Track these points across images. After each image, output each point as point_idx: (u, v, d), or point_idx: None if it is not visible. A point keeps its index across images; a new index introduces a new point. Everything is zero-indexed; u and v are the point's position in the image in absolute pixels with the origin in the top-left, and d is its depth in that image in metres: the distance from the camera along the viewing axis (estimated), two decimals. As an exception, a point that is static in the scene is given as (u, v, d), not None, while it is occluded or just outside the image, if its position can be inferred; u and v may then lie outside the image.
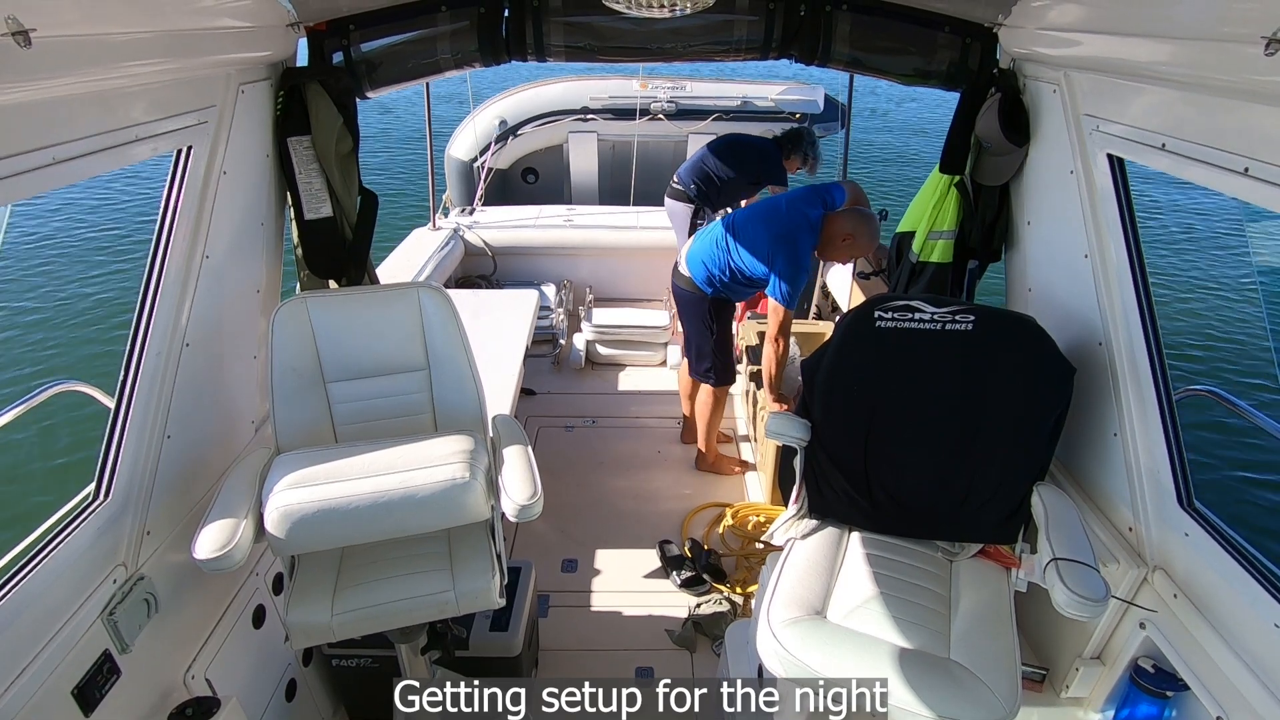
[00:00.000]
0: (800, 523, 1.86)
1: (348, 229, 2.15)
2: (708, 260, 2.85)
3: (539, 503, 1.53)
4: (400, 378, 1.83)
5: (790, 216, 2.70)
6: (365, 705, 2.12)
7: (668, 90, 5.75)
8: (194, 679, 1.59)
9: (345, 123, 2.04)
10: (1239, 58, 1.19)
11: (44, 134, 1.16)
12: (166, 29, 1.41)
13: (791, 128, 4.05)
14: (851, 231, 2.65)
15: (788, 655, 1.47)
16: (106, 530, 1.43)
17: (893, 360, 1.78)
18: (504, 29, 2.27)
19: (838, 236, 2.66)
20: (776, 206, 2.80)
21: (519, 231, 4.55)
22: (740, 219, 2.83)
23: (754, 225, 2.76)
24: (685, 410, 3.41)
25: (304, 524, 1.44)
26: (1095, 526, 1.80)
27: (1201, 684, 1.48)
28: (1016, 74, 2.07)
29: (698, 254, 2.89)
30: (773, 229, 2.70)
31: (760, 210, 2.84)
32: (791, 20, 2.28)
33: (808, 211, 2.68)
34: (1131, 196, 1.68)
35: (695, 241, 2.96)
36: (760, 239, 2.71)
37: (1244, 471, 4.47)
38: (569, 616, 2.58)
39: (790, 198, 2.81)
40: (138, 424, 1.51)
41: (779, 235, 2.67)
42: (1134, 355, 1.67)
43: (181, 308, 1.61)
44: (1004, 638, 1.54)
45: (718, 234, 2.84)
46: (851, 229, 2.65)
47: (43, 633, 1.27)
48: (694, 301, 2.96)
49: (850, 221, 2.66)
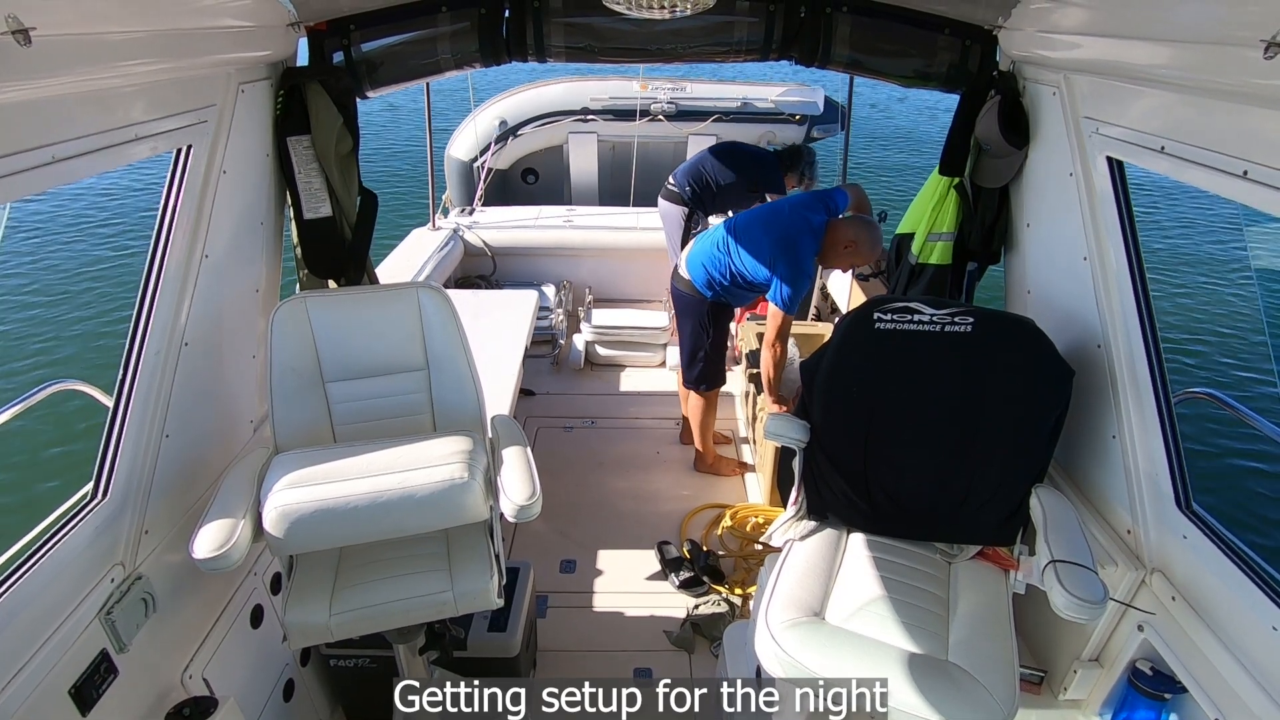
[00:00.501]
0: (799, 524, 1.86)
1: (347, 229, 2.15)
2: (708, 263, 2.84)
3: (538, 503, 1.53)
4: (399, 378, 1.83)
5: (792, 221, 2.69)
6: (363, 705, 2.12)
7: (668, 91, 5.76)
8: (191, 679, 1.59)
9: (345, 123, 2.04)
10: (1238, 61, 1.19)
11: (44, 133, 1.16)
12: (166, 28, 1.41)
13: (793, 145, 4.03)
14: (854, 239, 2.64)
15: (786, 656, 1.47)
16: (104, 529, 1.43)
17: (892, 362, 1.78)
18: (504, 29, 2.27)
19: (840, 243, 2.65)
20: (779, 210, 2.79)
21: (519, 232, 4.55)
22: (742, 222, 2.82)
23: (756, 229, 2.75)
24: (684, 411, 3.41)
25: (302, 524, 1.43)
26: (1094, 529, 1.80)
27: (1199, 686, 1.48)
28: (1016, 76, 2.07)
29: (698, 256, 2.88)
30: (774, 233, 2.69)
31: (762, 214, 2.84)
32: (791, 22, 2.28)
33: (810, 217, 2.67)
34: (1131, 199, 1.69)
35: (696, 244, 2.95)
36: (762, 243, 2.70)
37: (1242, 474, 4.47)
38: (567, 617, 2.58)
39: (793, 202, 2.80)
40: (136, 423, 1.51)
41: (780, 239, 2.66)
42: (1133, 357, 1.67)
43: (181, 307, 1.61)
44: (1002, 640, 1.54)
45: (719, 237, 2.83)
46: (854, 236, 2.64)
47: (40, 632, 1.26)
48: (693, 304, 2.95)
49: (853, 229, 2.65)
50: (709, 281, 2.85)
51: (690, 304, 2.96)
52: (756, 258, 2.71)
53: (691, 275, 2.89)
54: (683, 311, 3.04)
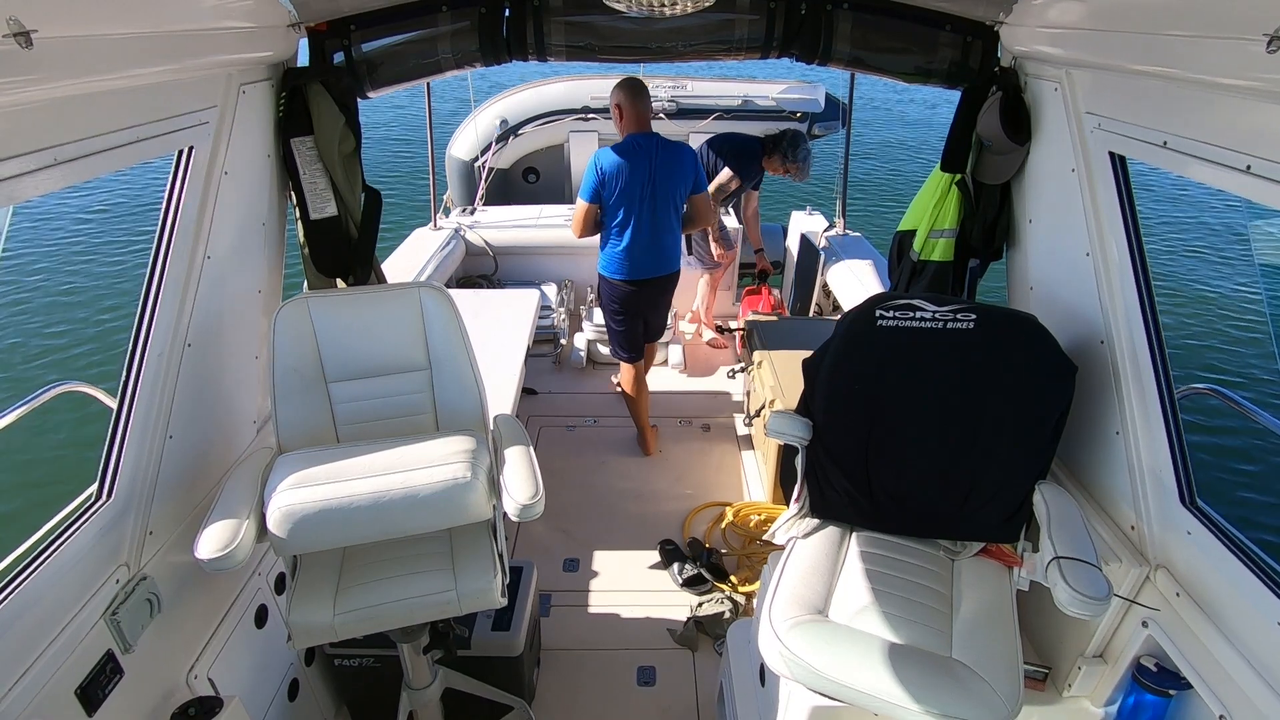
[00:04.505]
0: (802, 522, 1.86)
1: (353, 228, 2.15)
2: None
3: (540, 502, 1.53)
4: (401, 377, 1.83)
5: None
6: (367, 705, 2.12)
7: (668, 89, 5.74)
8: (196, 679, 1.59)
9: (347, 122, 2.04)
10: (1240, 55, 1.19)
11: (45, 135, 1.16)
12: (167, 30, 1.41)
13: (781, 131, 4.01)
14: (617, 102, 2.94)
15: (790, 655, 1.47)
16: (109, 530, 1.43)
17: (894, 359, 1.78)
18: (505, 29, 2.27)
19: (613, 112, 2.99)
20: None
21: (520, 231, 4.56)
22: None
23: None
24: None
25: (306, 524, 1.44)
26: (1097, 525, 1.80)
27: (1204, 682, 1.48)
28: (1018, 72, 2.06)
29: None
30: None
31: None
32: (792, 19, 2.28)
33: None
34: (1133, 194, 1.68)
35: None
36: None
37: (1246, 469, 4.46)
38: (571, 616, 2.58)
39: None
40: (140, 424, 1.51)
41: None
42: (1136, 353, 1.67)
43: (183, 308, 1.61)
44: (1006, 637, 1.53)
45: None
46: (616, 100, 2.95)
47: (46, 632, 1.27)
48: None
49: (614, 93, 2.96)
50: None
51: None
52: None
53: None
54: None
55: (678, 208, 3.07)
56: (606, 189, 2.94)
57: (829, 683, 1.44)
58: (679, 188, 3.02)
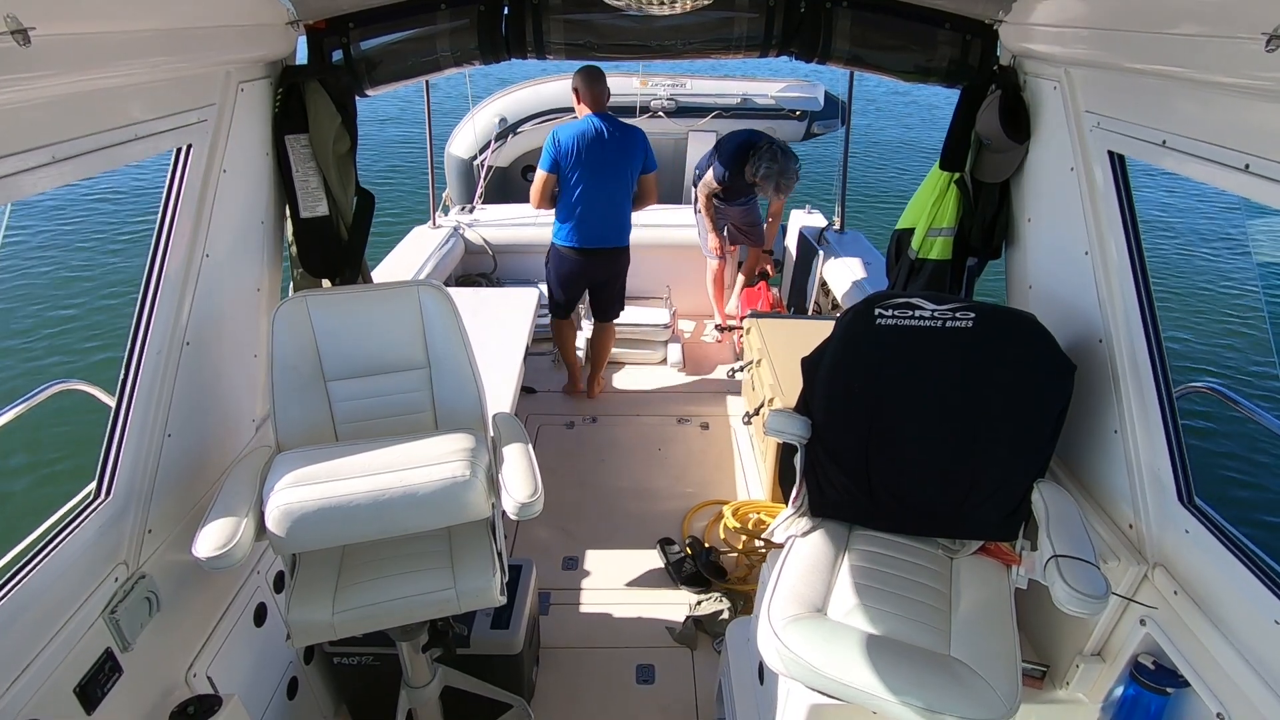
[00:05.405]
0: (801, 520, 1.86)
1: (343, 228, 2.15)
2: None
3: (539, 501, 1.53)
4: (400, 376, 1.83)
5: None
6: (366, 703, 2.12)
7: (668, 88, 5.74)
8: (196, 677, 1.59)
9: (344, 122, 2.03)
10: (1240, 54, 1.19)
11: (44, 133, 1.16)
12: (166, 27, 1.40)
13: (764, 140, 3.97)
14: (576, 86, 3.24)
15: (789, 653, 1.47)
16: (108, 529, 1.43)
17: (893, 358, 1.78)
18: (504, 27, 2.27)
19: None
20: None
21: (519, 229, 4.55)
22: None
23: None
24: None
25: (305, 522, 1.44)
26: (1096, 523, 1.80)
27: (1202, 680, 1.48)
28: (1017, 71, 2.06)
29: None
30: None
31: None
32: (791, 17, 2.28)
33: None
34: (1132, 193, 1.68)
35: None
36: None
37: (1245, 467, 4.47)
38: (570, 614, 2.58)
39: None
40: (138, 423, 1.51)
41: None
42: (1134, 352, 1.67)
43: (182, 306, 1.61)
44: (1004, 635, 1.54)
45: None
46: (575, 84, 3.23)
47: (44, 631, 1.27)
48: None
49: (574, 78, 3.23)
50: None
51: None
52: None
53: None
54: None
55: (629, 185, 3.34)
56: (564, 160, 3.21)
57: (827, 680, 1.44)
58: (630, 165, 3.29)
